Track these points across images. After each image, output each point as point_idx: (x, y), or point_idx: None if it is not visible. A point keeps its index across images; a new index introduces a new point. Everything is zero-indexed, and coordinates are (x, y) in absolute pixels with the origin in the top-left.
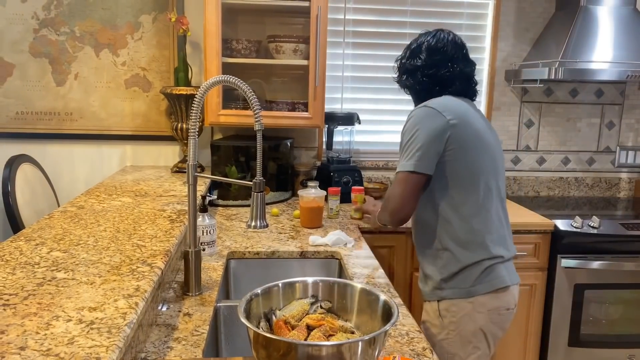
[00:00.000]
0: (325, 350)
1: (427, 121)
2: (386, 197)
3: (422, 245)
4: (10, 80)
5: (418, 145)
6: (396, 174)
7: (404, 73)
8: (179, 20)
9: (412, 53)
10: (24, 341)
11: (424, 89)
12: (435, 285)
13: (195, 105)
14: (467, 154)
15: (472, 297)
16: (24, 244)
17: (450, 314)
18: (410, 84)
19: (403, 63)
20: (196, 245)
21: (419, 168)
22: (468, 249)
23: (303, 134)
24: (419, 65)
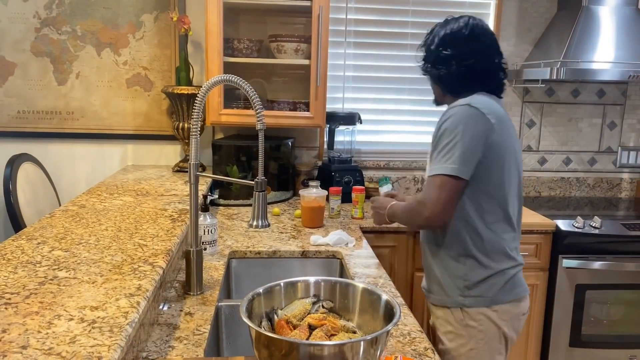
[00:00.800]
0: (327, 350)
1: (471, 122)
2: (420, 200)
3: (443, 250)
4: (11, 80)
5: (461, 147)
6: (432, 175)
7: (434, 61)
8: (180, 19)
9: (442, 40)
10: (25, 340)
11: (458, 81)
12: (458, 292)
13: (197, 105)
14: (502, 161)
15: (496, 305)
16: (25, 243)
17: (477, 323)
18: (442, 74)
19: (432, 50)
20: (197, 245)
21: (462, 173)
22: (494, 257)
23: (304, 134)
24: (453, 54)
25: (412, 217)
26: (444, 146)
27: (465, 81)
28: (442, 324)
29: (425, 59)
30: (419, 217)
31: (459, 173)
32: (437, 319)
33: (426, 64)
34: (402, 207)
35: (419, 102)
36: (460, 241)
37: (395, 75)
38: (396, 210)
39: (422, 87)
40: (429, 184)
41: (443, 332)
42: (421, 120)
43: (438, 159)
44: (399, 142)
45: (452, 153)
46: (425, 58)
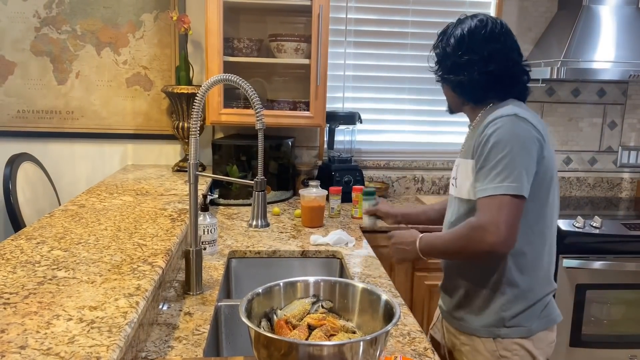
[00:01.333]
0: (326, 350)
1: (523, 136)
2: (478, 225)
3: (480, 277)
4: (11, 79)
5: (518, 163)
6: (488, 196)
7: (452, 67)
8: (180, 19)
9: (459, 43)
10: (24, 340)
11: (480, 89)
12: (493, 322)
13: (197, 104)
14: (552, 177)
15: (534, 335)
16: (24, 243)
17: (512, 353)
18: (463, 80)
19: (449, 54)
20: (197, 245)
21: (524, 191)
22: (537, 284)
23: (304, 133)
24: (473, 59)
25: (468, 247)
26: (497, 161)
27: (488, 88)
28: (470, 353)
29: (440, 64)
30: (479, 245)
31: (522, 192)
32: (464, 346)
33: (442, 71)
34: (449, 238)
35: (419, 102)
36: (502, 267)
37: (396, 74)
38: (435, 243)
39: (422, 86)
40: (488, 205)
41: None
42: (421, 120)
43: (491, 177)
44: (399, 142)
45: (510, 169)
46: (441, 63)
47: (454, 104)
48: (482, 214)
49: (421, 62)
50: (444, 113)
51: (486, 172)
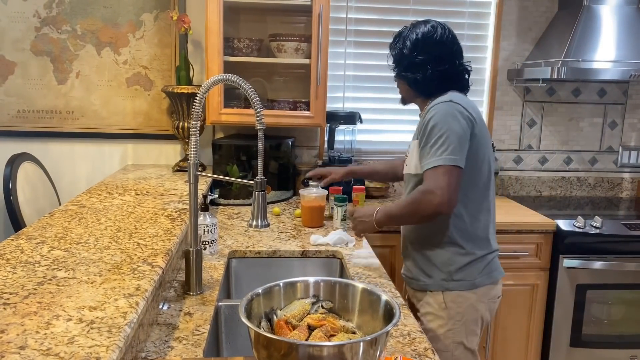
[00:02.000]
0: (326, 351)
1: (457, 117)
2: (426, 190)
3: (427, 238)
4: (11, 79)
5: (454, 139)
6: (432, 167)
7: (409, 66)
8: (180, 18)
9: (414, 45)
10: (23, 340)
11: (433, 85)
12: (442, 277)
13: (197, 104)
14: (484, 153)
15: (476, 289)
16: (24, 243)
17: (457, 305)
18: (418, 78)
19: (406, 55)
20: (197, 245)
21: (460, 162)
22: (476, 243)
23: (304, 133)
24: (427, 59)
25: (419, 209)
26: (436, 140)
27: (439, 84)
28: (422, 306)
29: (398, 63)
30: (428, 207)
31: (458, 163)
32: (418, 302)
33: (399, 69)
34: (402, 204)
35: None
36: (444, 229)
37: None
38: (391, 210)
39: None
40: (432, 174)
41: (423, 313)
42: None
43: (432, 152)
44: (399, 142)
45: (447, 145)
46: (399, 62)
47: (407, 97)
48: (429, 181)
49: None
50: None
51: (428, 149)
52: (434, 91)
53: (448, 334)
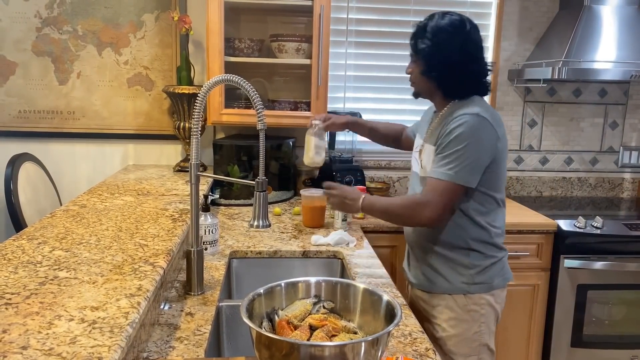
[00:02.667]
0: (328, 351)
1: (482, 134)
2: (421, 201)
3: (444, 245)
4: (12, 79)
5: (471, 157)
6: (438, 179)
7: (439, 65)
8: (181, 19)
9: (449, 42)
10: (26, 340)
11: (460, 85)
12: (463, 280)
13: (198, 104)
14: (502, 165)
15: (493, 291)
16: (26, 243)
17: (479, 307)
18: (447, 77)
19: (437, 51)
20: (198, 245)
21: (468, 183)
22: (493, 247)
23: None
24: (460, 59)
25: (408, 215)
26: (453, 152)
27: (467, 86)
28: (442, 312)
29: (428, 59)
30: (416, 217)
31: (465, 183)
32: (436, 307)
33: (428, 66)
34: (395, 203)
35: (420, 102)
36: (464, 236)
37: (397, 74)
38: (380, 204)
39: None
40: (433, 188)
41: (444, 319)
42: None
43: (444, 162)
44: None
45: (460, 161)
46: (428, 59)
47: (425, 93)
48: (428, 193)
49: None
50: None
51: (440, 158)
52: (460, 92)
53: (475, 336)
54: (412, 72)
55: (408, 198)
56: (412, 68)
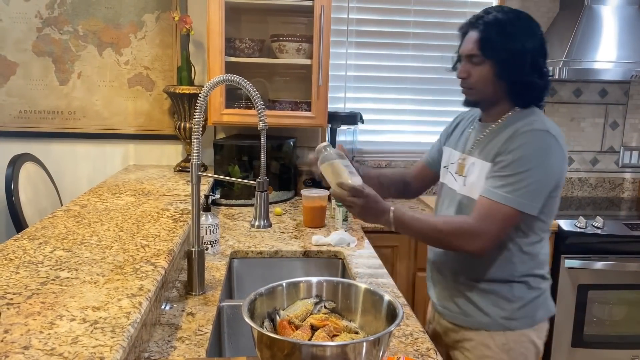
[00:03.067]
0: (329, 351)
1: (550, 155)
2: (476, 229)
3: (486, 274)
4: (13, 79)
5: (536, 182)
6: (496, 202)
7: (515, 69)
8: (182, 19)
9: (529, 41)
10: (27, 340)
11: (531, 93)
12: (503, 315)
13: (199, 105)
14: (560, 187)
15: (536, 325)
16: (27, 243)
17: (519, 345)
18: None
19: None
20: (199, 245)
21: (531, 210)
22: (539, 278)
23: (306, 134)
24: (542, 63)
25: (454, 243)
26: (517, 173)
27: (535, 93)
28: (476, 347)
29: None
30: (465, 246)
31: (528, 210)
32: (469, 342)
33: (504, 69)
34: (434, 226)
35: (421, 102)
36: (509, 267)
37: (397, 74)
38: (414, 223)
39: (424, 86)
40: (490, 212)
41: (478, 355)
42: (423, 120)
43: (505, 183)
44: (401, 142)
45: (525, 184)
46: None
47: (488, 100)
48: (482, 219)
49: (423, 63)
50: (445, 113)
51: (500, 178)
52: (526, 100)
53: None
54: (471, 75)
55: (457, 222)
56: (475, 71)
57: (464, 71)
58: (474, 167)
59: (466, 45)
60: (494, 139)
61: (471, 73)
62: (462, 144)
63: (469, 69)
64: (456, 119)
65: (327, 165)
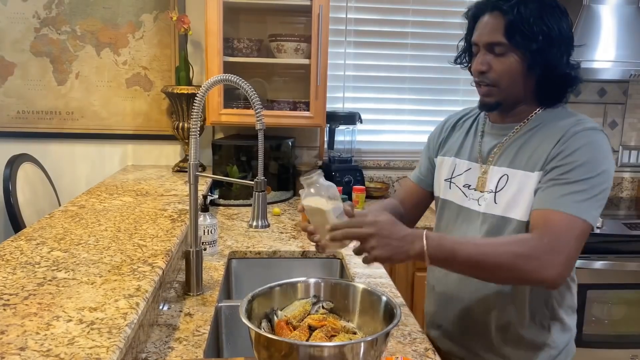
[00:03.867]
0: (327, 351)
1: (609, 157)
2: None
3: (528, 313)
4: (11, 80)
5: (605, 191)
6: (575, 216)
7: (552, 62)
8: (180, 19)
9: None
10: (24, 341)
11: (555, 89)
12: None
13: (197, 105)
14: None
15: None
16: (24, 244)
17: None
18: (549, 80)
19: (550, 42)
20: (197, 245)
21: (595, 223)
22: (572, 311)
23: (304, 134)
24: (569, 53)
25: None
26: (585, 181)
27: (565, 88)
28: None
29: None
30: (540, 271)
31: (595, 224)
32: None
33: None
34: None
35: (420, 102)
36: (548, 301)
37: (396, 74)
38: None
39: (423, 86)
40: (567, 226)
41: None
42: (422, 119)
43: (576, 193)
44: (400, 142)
45: (597, 195)
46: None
47: (513, 99)
48: (556, 237)
49: (422, 62)
50: (444, 113)
51: (568, 186)
52: (554, 97)
53: None
54: (492, 68)
55: (524, 240)
56: (498, 63)
57: (483, 63)
58: (508, 180)
59: (484, 31)
60: (527, 143)
61: (493, 66)
62: (471, 152)
63: (489, 60)
64: (446, 123)
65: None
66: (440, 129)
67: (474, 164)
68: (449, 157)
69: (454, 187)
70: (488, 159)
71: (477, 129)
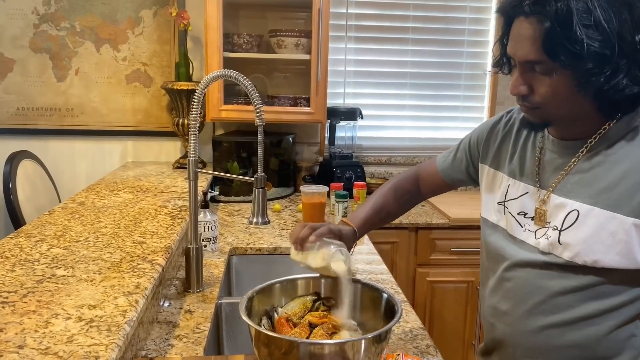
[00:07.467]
0: (327, 349)
1: None
2: None
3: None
4: (10, 76)
5: None
6: None
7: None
8: (179, 14)
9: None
10: (22, 339)
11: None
12: None
13: (196, 100)
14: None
15: None
16: (24, 241)
17: None
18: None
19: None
20: (197, 242)
21: None
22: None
23: (305, 130)
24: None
25: None
26: None
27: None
28: None
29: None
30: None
31: None
32: None
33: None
34: None
35: (421, 97)
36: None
37: (397, 70)
38: None
39: (424, 82)
40: None
41: None
42: (423, 115)
43: None
44: (401, 138)
45: None
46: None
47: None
48: None
49: (422, 57)
50: (445, 108)
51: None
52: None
53: None
54: (534, 91)
55: None
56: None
57: (521, 85)
58: (579, 219)
59: (519, 44)
60: (603, 168)
61: (534, 87)
62: (527, 171)
63: (529, 80)
64: (498, 125)
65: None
66: (488, 127)
67: (530, 188)
68: (499, 172)
69: (507, 213)
70: (550, 185)
71: (536, 143)
